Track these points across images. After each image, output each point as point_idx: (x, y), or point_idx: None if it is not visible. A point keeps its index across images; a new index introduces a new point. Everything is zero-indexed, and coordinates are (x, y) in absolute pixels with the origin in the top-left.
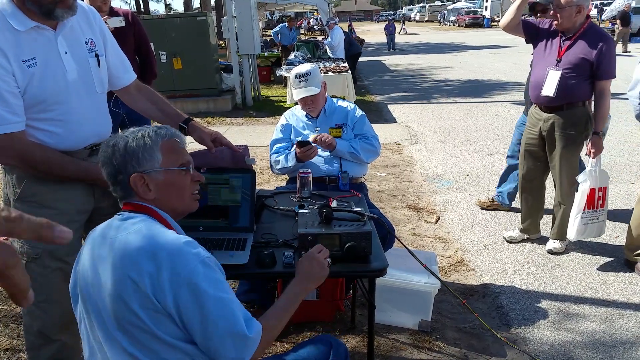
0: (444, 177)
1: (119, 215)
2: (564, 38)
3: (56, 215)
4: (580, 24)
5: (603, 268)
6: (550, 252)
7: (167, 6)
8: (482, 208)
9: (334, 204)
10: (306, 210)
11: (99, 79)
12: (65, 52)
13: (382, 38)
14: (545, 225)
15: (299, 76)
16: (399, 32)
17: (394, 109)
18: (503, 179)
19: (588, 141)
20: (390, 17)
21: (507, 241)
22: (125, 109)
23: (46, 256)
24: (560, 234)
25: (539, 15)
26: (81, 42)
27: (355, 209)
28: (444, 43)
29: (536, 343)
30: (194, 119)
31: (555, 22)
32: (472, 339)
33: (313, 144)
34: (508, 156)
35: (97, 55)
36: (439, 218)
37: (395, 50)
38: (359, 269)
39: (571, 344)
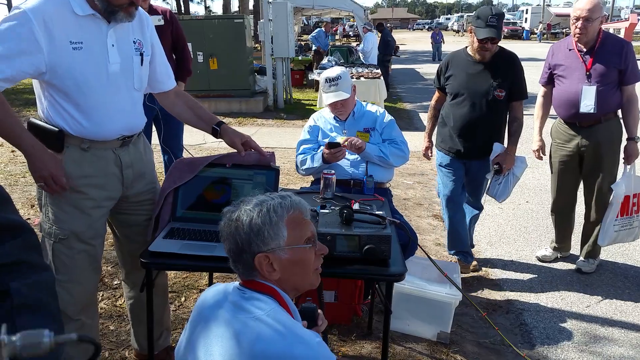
0: None
1: (239, 289)
2: (583, 52)
3: (84, 199)
4: (598, 34)
5: (636, 290)
6: (580, 271)
7: (207, 8)
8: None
9: (355, 206)
10: (327, 211)
11: (139, 77)
12: (113, 45)
13: (418, 46)
14: (575, 242)
15: (329, 80)
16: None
17: (425, 118)
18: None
19: (621, 148)
20: (436, 25)
21: (541, 260)
22: (160, 104)
23: (72, 238)
24: (593, 253)
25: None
26: (129, 39)
27: (376, 212)
28: None
29: None
30: (226, 118)
31: (579, 35)
32: (491, 355)
33: (342, 147)
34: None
35: (141, 55)
36: None
37: (441, 60)
38: (377, 272)
39: None
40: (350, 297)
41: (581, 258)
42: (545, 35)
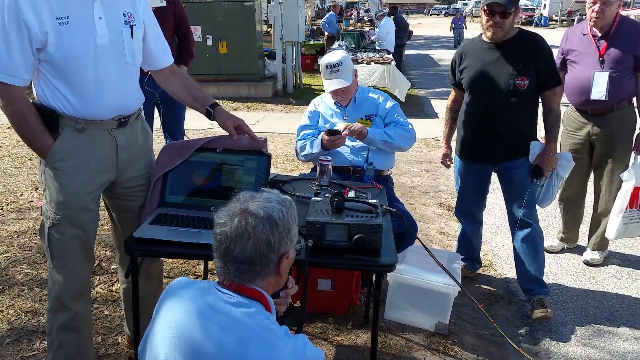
0: None
1: (222, 292)
2: (597, 37)
3: (77, 182)
4: (614, 18)
5: None
6: (587, 263)
7: None
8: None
9: (350, 194)
10: (319, 198)
11: (131, 49)
12: (100, 18)
13: (433, 32)
14: (583, 233)
15: (329, 66)
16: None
17: (437, 104)
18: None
19: (634, 137)
20: (458, 10)
21: (547, 251)
22: (160, 88)
23: (65, 223)
24: (601, 244)
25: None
26: (119, 12)
27: (369, 201)
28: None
29: (560, 357)
30: (235, 103)
31: (595, 19)
32: (491, 347)
33: (343, 133)
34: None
35: (132, 27)
36: None
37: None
38: (367, 262)
39: None
40: (347, 286)
41: (589, 249)
42: (564, 22)
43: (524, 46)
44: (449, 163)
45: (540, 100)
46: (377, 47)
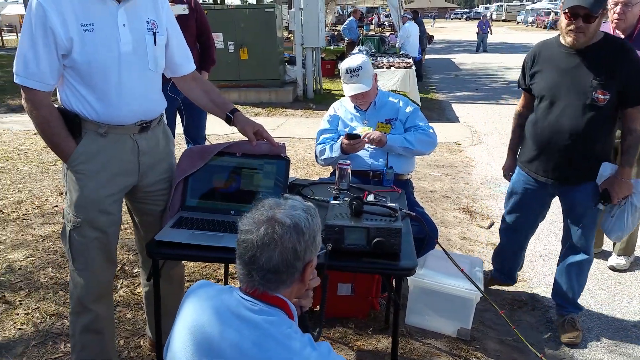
0: (504, 181)
1: (245, 299)
2: None
3: (98, 186)
4: (638, 20)
5: None
6: (613, 268)
7: None
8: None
9: (369, 197)
10: (338, 202)
11: (154, 56)
12: (124, 25)
13: (455, 36)
14: (608, 239)
15: (349, 71)
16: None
17: (458, 108)
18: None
19: None
20: (480, 14)
21: None
22: (183, 94)
23: (86, 226)
24: (627, 250)
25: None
26: (142, 19)
27: (389, 205)
28: (519, 43)
29: None
30: (255, 109)
31: (617, 21)
32: (514, 353)
33: (362, 139)
34: (506, 229)
35: (154, 34)
36: (493, 223)
37: (486, 52)
38: (387, 266)
39: None
40: (367, 290)
41: (614, 255)
42: None
43: (608, 54)
44: (510, 175)
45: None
46: (399, 51)
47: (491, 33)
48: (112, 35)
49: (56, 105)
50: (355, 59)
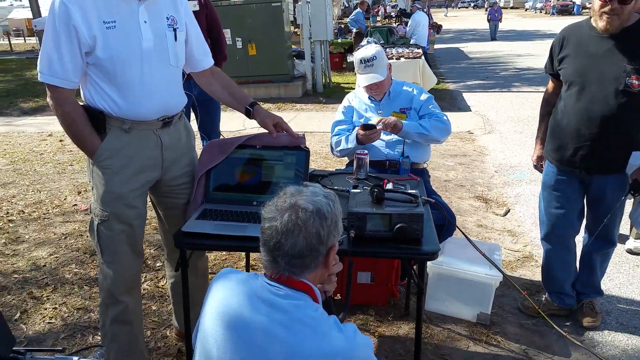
0: (518, 168)
1: (270, 285)
2: None
3: (123, 181)
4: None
5: None
6: (630, 251)
7: None
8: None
9: (388, 185)
10: (358, 190)
11: (174, 52)
12: (145, 22)
13: (462, 24)
14: (625, 222)
15: (364, 61)
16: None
17: (469, 98)
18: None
19: None
20: (494, 1)
21: None
22: (197, 91)
23: (112, 219)
24: None
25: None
26: (162, 15)
27: (409, 191)
28: (528, 30)
29: (605, 346)
30: (265, 104)
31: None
32: (534, 336)
33: (378, 127)
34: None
35: (175, 30)
36: (508, 210)
37: (495, 40)
38: (409, 251)
39: None
40: (386, 278)
41: (632, 238)
42: None
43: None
44: (542, 165)
45: None
46: (409, 42)
47: (501, 21)
48: (133, 32)
49: (81, 103)
50: (370, 49)
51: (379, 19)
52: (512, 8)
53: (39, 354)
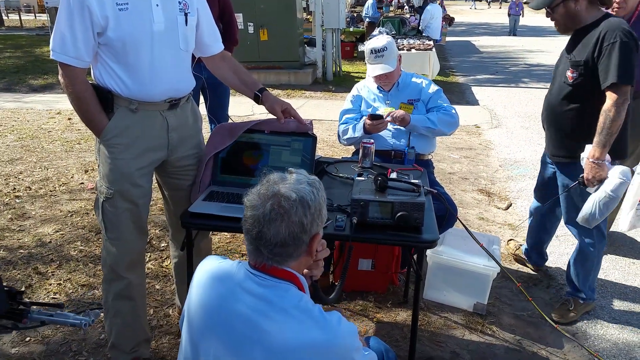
0: (522, 163)
1: (253, 274)
2: None
3: (129, 159)
4: (637, 6)
5: None
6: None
7: None
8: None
9: (392, 174)
10: (362, 178)
11: (184, 36)
12: (157, 5)
13: (476, 18)
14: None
15: (374, 51)
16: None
17: (478, 92)
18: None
19: None
20: None
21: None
22: (206, 74)
23: (118, 197)
24: None
25: None
26: (175, 0)
27: (412, 181)
28: (541, 26)
29: (597, 339)
30: (275, 90)
31: (617, 10)
32: (528, 327)
33: (385, 119)
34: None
35: (186, 15)
36: (510, 204)
37: (515, 35)
38: (409, 239)
39: (638, 345)
40: (387, 265)
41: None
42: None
43: (588, 33)
44: None
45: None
46: (423, 33)
47: (522, 15)
48: (145, 14)
49: (90, 82)
50: (380, 39)
51: (392, 9)
52: (525, 3)
53: (42, 308)
